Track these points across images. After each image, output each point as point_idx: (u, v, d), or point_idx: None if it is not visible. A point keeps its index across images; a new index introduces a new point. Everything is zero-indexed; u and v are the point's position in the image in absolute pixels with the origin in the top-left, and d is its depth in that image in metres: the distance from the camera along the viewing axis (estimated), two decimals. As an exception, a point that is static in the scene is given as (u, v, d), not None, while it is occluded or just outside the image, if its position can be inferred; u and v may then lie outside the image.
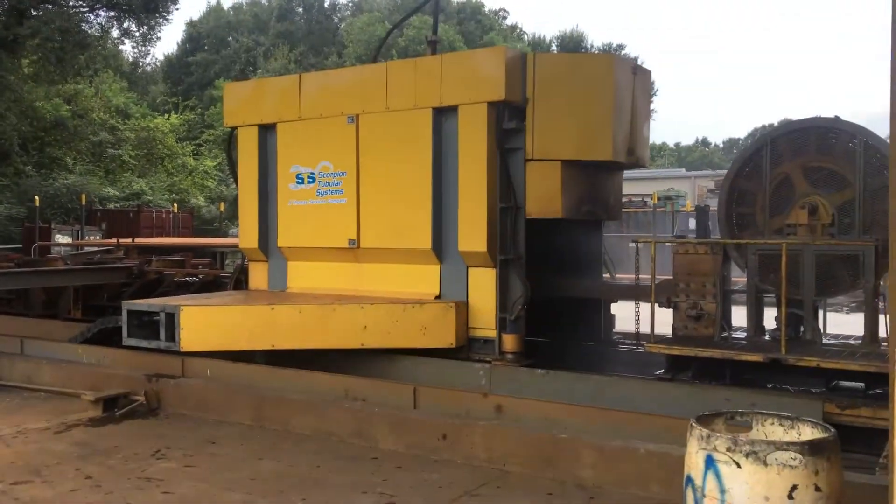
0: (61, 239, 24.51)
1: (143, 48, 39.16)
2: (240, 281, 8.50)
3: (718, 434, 3.20)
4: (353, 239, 7.29)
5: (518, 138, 6.70)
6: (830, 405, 5.17)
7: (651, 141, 7.81)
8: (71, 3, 31.94)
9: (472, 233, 6.70)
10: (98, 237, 24.52)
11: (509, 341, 6.63)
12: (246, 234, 8.04)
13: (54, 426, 6.19)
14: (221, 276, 10.08)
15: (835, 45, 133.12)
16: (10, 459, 5.32)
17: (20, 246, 23.48)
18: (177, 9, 33.56)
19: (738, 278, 6.83)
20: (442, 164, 6.93)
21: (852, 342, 6.09)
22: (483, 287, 6.78)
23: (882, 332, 5.75)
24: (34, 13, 30.23)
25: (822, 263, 5.88)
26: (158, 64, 50.39)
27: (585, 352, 7.48)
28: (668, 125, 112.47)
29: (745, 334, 6.25)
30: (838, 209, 5.97)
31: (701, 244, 6.32)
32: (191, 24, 52.06)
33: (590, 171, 7.01)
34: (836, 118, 6.06)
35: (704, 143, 78.80)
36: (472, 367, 6.52)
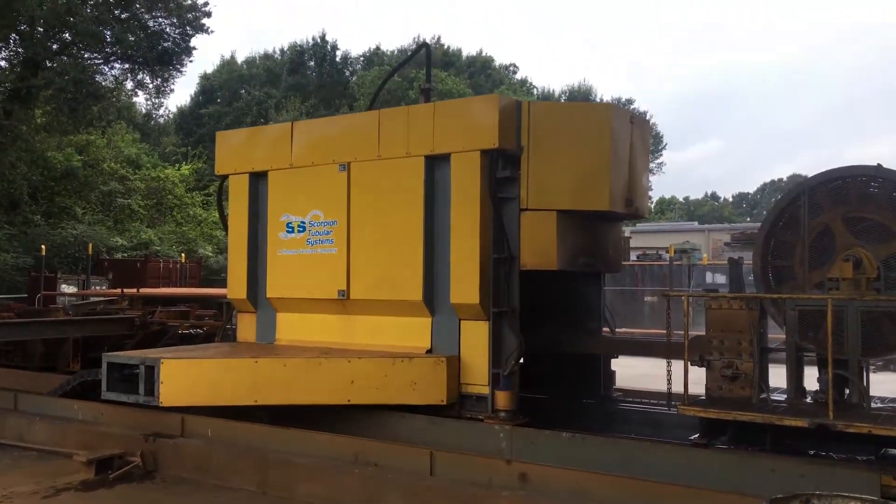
0: (67, 289, 24.44)
1: (157, 100, 39.78)
2: (228, 333, 8.26)
3: None
4: (342, 290, 7.07)
5: (512, 187, 6.51)
6: (887, 477, 4.69)
7: (660, 195, 7.64)
8: (85, 55, 32.52)
9: (465, 284, 6.46)
10: (104, 287, 24.44)
11: (502, 398, 6.32)
12: (234, 284, 7.83)
13: (43, 490, 5.85)
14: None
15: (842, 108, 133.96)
16: (-8, 528, 4.97)
17: (25, 296, 23.41)
18: (191, 61, 34.10)
19: (774, 335, 6.43)
20: (434, 213, 6.73)
21: None
22: (476, 341, 6.51)
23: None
24: (49, 64, 30.77)
25: (867, 320, 5.47)
26: (171, 116, 51.13)
27: (585, 410, 7.17)
28: (677, 178, 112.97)
29: (786, 396, 5.79)
30: (883, 262, 5.61)
31: (736, 298, 5.92)
32: (204, 77, 52.99)
33: (587, 222, 6.80)
34: (879, 166, 5.74)
35: (714, 196, 78.88)
36: (492, 430, 6.07)
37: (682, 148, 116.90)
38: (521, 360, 6.45)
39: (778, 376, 6.01)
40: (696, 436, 5.74)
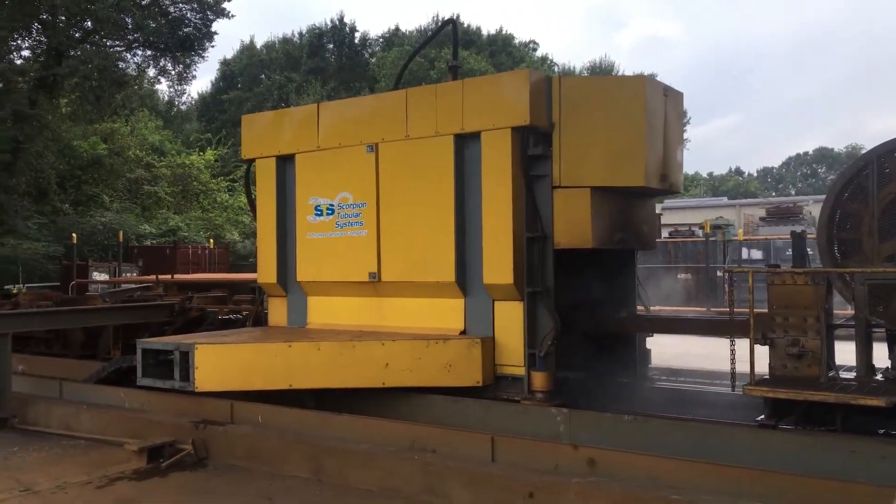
0: (98, 276, 24.70)
1: (179, 87, 39.99)
2: (259, 317, 8.24)
3: None
4: (373, 272, 7.00)
5: (544, 165, 6.38)
6: None
7: (685, 170, 7.41)
8: (108, 43, 32.67)
9: (498, 265, 6.37)
10: (135, 274, 24.68)
11: (539, 379, 6.24)
12: (264, 269, 7.80)
13: (96, 480, 5.78)
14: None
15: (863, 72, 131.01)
16: (48, 520, 4.93)
17: (58, 284, 23.69)
18: (212, 46, 34.13)
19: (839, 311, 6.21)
20: (465, 193, 6.63)
21: None
22: (510, 321, 6.42)
23: None
24: (72, 53, 30.95)
25: None
26: (193, 102, 51.32)
27: (621, 389, 7.06)
28: (700, 154, 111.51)
29: (855, 374, 5.60)
30: None
31: (801, 273, 5.68)
32: (225, 63, 53.03)
33: (621, 198, 6.66)
34: None
35: (738, 171, 77.81)
36: (549, 413, 5.88)
37: (703, 122, 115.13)
38: (556, 340, 6.35)
39: (842, 353, 5.81)
40: (762, 417, 5.55)
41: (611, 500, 4.50)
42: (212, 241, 30.36)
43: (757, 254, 22.34)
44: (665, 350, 9.61)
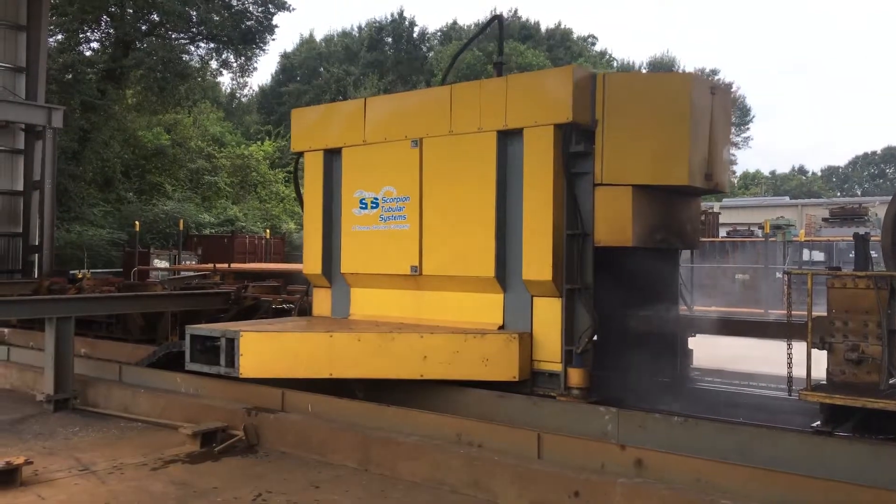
0: (159, 263, 25.44)
1: (241, 79, 40.84)
2: (305, 308, 8.42)
3: None
4: (415, 266, 7.10)
5: (586, 162, 6.37)
6: None
7: (745, 169, 7.28)
8: (172, 35, 33.58)
9: (537, 261, 6.39)
10: (194, 262, 25.32)
11: (575, 375, 6.25)
12: (310, 260, 7.97)
13: (151, 462, 6.00)
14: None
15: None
16: (104, 500, 5.12)
17: (121, 270, 24.50)
18: (273, 39, 34.93)
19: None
20: (506, 188, 6.66)
21: None
22: (548, 318, 6.43)
23: None
24: (138, 45, 31.90)
25: None
26: (253, 94, 52.33)
27: (661, 389, 7.00)
28: (764, 152, 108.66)
29: None
30: None
31: (862, 277, 5.47)
32: (284, 56, 53.94)
33: (664, 197, 6.60)
34: None
35: (801, 171, 75.61)
36: (597, 412, 5.82)
37: (769, 119, 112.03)
38: (595, 338, 6.34)
39: None
40: (818, 423, 5.37)
41: (659, 501, 4.46)
42: (268, 231, 30.96)
43: (818, 256, 21.78)
44: (721, 352, 9.49)
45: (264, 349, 6.63)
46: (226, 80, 49.00)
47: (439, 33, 56.35)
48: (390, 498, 5.19)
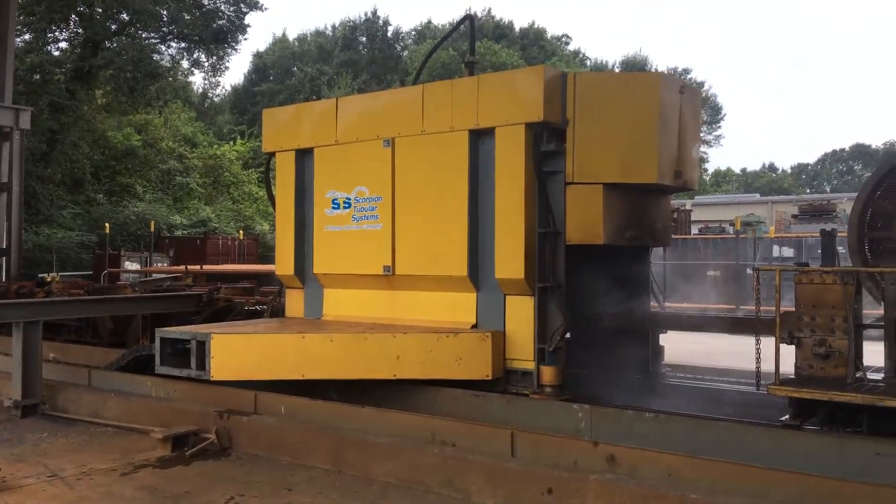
0: (130, 266, 25.16)
1: (212, 79, 40.50)
2: (277, 309, 8.37)
3: None
4: (388, 266, 7.09)
5: (558, 161, 6.40)
6: None
7: (717, 166, 7.37)
8: (143, 35, 33.19)
9: (510, 259, 6.41)
10: (166, 264, 25.09)
11: (548, 373, 6.27)
12: (283, 261, 7.93)
13: (121, 467, 5.90)
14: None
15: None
16: (73, 507, 5.04)
17: (90, 273, 24.19)
18: (245, 39, 34.61)
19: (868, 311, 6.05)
20: (478, 187, 6.68)
21: None
22: (521, 316, 6.46)
23: None
24: (108, 44, 31.49)
25: None
26: (225, 94, 51.92)
27: (633, 385, 7.06)
28: (735, 150, 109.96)
29: (883, 375, 5.47)
30: None
31: (829, 272, 5.56)
32: (257, 55, 53.58)
33: (634, 195, 6.65)
34: None
35: (772, 168, 76.65)
36: (570, 409, 5.86)
37: (739, 118, 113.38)
38: (567, 335, 6.38)
39: (869, 354, 5.70)
40: (787, 417, 5.47)
41: (630, 497, 4.50)
42: (241, 232, 30.73)
43: (788, 252, 22.06)
44: (696, 347, 9.60)
45: (236, 351, 6.58)
46: (197, 79, 48.62)
47: (414, 32, 56.33)
48: (364, 499, 5.17)
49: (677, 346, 7.87)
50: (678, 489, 4.47)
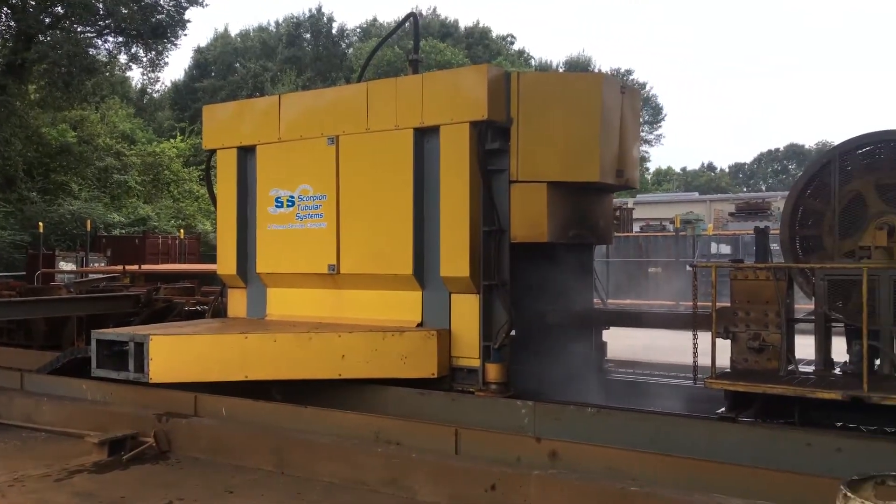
0: (65, 266, 24.45)
1: (152, 74, 39.55)
2: (219, 309, 8.23)
3: None
4: (332, 264, 7.03)
5: (502, 159, 6.44)
6: None
7: (657, 165, 7.51)
8: (79, 29, 32.22)
9: (455, 258, 6.42)
10: (103, 264, 24.46)
11: (493, 371, 6.31)
12: (224, 260, 7.80)
13: (55, 473, 5.71)
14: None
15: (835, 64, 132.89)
16: (5, 514, 4.90)
17: (23, 273, 23.41)
18: (185, 34, 33.81)
19: (800, 306, 6.31)
20: (424, 186, 6.68)
21: None
22: (466, 314, 6.48)
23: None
24: (42, 38, 30.47)
25: None
26: (165, 90, 50.82)
27: (576, 381, 7.15)
28: (675, 150, 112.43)
29: (814, 368, 5.65)
30: None
31: (763, 269, 5.74)
32: (198, 51, 52.56)
33: (577, 194, 6.74)
34: None
35: (710, 167, 78.64)
36: (514, 405, 5.91)
37: (680, 118, 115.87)
38: (513, 333, 6.42)
39: (801, 348, 5.89)
40: (723, 409, 5.61)
41: (570, 491, 4.57)
42: (182, 231, 30.12)
43: (726, 249, 22.62)
44: (634, 343, 9.77)
45: (175, 353, 6.45)
46: (136, 75, 47.34)
47: (359, 30, 56.02)
48: (307, 500, 5.12)
49: (614, 343, 8.00)
50: (618, 482, 4.57)
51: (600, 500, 4.44)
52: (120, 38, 33.88)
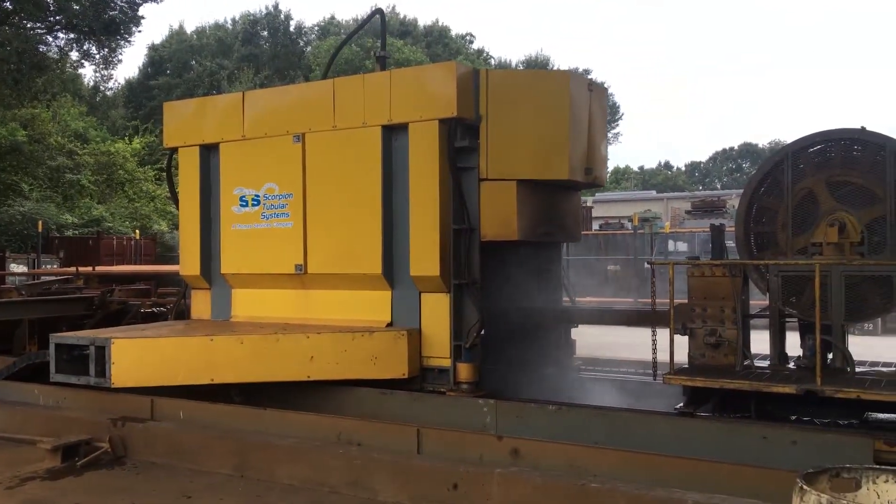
0: (16, 268, 23.80)
1: (105, 72, 38.70)
2: (182, 311, 8.05)
3: (845, 502, 2.73)
4: (299, 264, 6.91)
5: (471, 157, 6.39)
6: (879, 442, 4.65)
7: (616, 164, 7.54)
8: (28, 25, 31.35)
9: (425, 257, 6.36)
10: (55, 266, 23.88)
11: (464, 370, 6.27)
12: (187, 261, 7.62)
13: (6, 480, 5.55)
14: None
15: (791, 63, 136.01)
16: (-49, 523, 4.73)
17: (-28, 275, 22.70)
18: (139, 31, 33.15)
19: (755, 302, 6.39)
20: (392, 184, 6.60)
21: (884, 369, 5.64)
22: (436, 314, 6.42)
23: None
24: (-12, 35, 29.56)
25: (850, 285, 5.44)
26: (119, 88, 49.75)
27: (545, 380, 7.15)
28: (633, 148, 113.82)
29: (769, 363, 5.77)
30: (867, 227, 5.58)
31: (719, 266, 5.83)
32: (153, 48, 51.57)
33: (546, 192, 6.73)
34: (863, 129, 5.67)
35: (667, 166, 79.81)
36: (475, 404, 5.91)
37: (636, 118, 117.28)
38: (483, 332, 6.39)
39: (756, 343, 5.99)
40: (681, 405, 5.68)
41: (532, 489, 4.59)
42: (138, 231, 29.53)
43: (683, 246, 22.95)
44: (591, 340, 9.82)
45: (139, 356, 6.28)
46: (88, 72, 46.28)
47: (317, 28, 55.52)
48: (267, 503, 5.05)
49: (578, 340, 8.03)
50: (579, 478, 4.62)
51: (561, 496, 4.48)
52: (71, 35, 33.08)
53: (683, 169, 79.24)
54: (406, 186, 6.49)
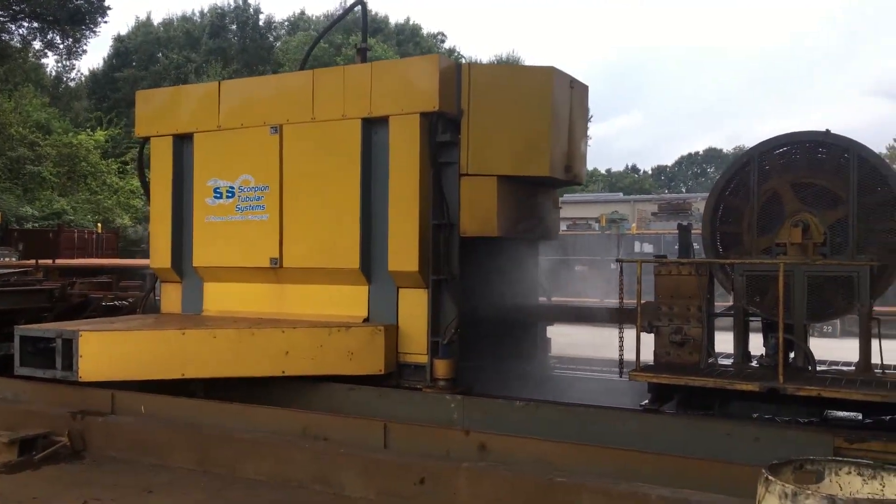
0: (-27, 260, 23.16)
1: (68, 62, 37.94)
2: (149, 304, 7.86)
3: (809, 492, 2.73)
4: (275, 258, 6.79)
5: (452, 152, 6.33)
6: (839, 439, 4.77)
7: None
8: (-11, 13, 30.58)
9: (404, 252, 6.29)
10: (14, 259, 23.31)
11: (441, 367, 6.20)
12: (158, 253, 7.45)
13: None
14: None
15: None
16: None
17: (-74, 267, 22.05)
18: (105, 21, 32.45)
19: (719, 301, 6.46)
20: (371, 178, 6.51)
21: (843, 368, 5.72)
22: (414, 309, 6.36)
23: (875, 359, 5.44)
24: (-53, 22, 28.78)
25: (813, 285, 5.52)
26: (83, 79, 48.71)
27: (521, 377, 7.12)
28: (599, 151, 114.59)
29: (732, 361, 5.83)
30: (830, 228, 5.67)
31: (685, 264, 5.88)
32: (118, 39, 50.59)
33: (526, 188, 6.69)
34: (827, 132, 5.75)
35: (634, 169, 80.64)
36: (443, 399, 5.89)
37: (603, 120, 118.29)
38: (459, 328, 6.33)
39: (720, 344, 6.06)
40: (646, 402, 5.72)
41: (499, 483, 4.62)
42: (100, 225, 28.96)
43: (649, 247, 23.20)
44: (557, 339, 9.83)
45: (107, 350, 6.11)
46: (50, 62, 45.20)
47: (286, 22, 54.96)
48: (230, 498, 4.99)
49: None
50: (546, 473, 4.64)
51: (528, 491, 4.51)
52: (35, 24, 32.35)
53: (650, 172, 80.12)
54: (385, 180, 6.41)
